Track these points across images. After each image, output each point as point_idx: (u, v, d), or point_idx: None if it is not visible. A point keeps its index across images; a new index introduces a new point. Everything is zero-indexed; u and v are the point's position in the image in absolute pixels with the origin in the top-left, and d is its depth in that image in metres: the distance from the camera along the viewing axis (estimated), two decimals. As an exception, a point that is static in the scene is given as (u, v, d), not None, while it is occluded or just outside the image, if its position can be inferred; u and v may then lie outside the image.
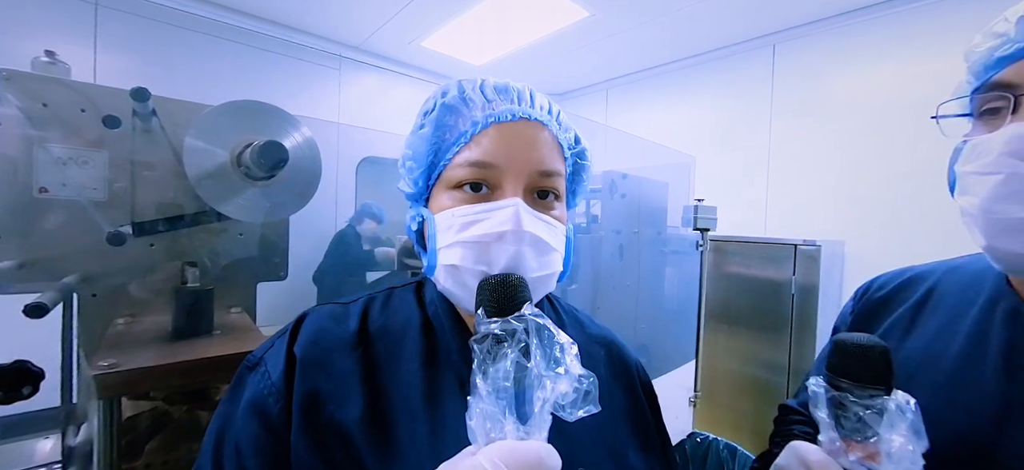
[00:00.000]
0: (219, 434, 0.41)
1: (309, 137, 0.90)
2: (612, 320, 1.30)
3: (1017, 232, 0.37)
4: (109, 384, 0.57)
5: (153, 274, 0.85)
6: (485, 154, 0.43)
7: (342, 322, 0.46)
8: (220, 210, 0.75)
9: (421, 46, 3.09)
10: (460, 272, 0.42)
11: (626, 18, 2.64)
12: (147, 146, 0.80)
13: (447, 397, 0.43)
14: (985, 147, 0.39)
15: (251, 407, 0.40)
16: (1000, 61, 0.40)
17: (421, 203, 0.48)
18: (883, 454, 0.37)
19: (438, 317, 0.47)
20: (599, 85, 3.75)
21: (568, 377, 0.33)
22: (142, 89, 0.69)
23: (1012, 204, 0.37)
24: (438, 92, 0.47)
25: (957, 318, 0.47)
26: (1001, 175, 0.37)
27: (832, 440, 0.40)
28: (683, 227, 1.51)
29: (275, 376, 0.41)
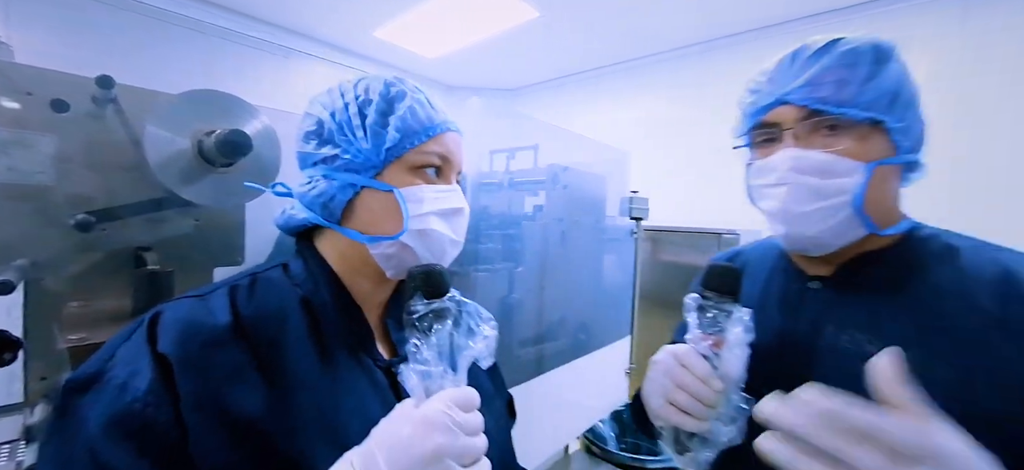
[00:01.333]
0: (64, 461, 0.37)
1: (268, 125, 0.94)
2: (556, 300, 1.43)
3: (801, 221, 0.53)
4: (81, 356, 0.61)
5: (105, 259, 0.86)
6: (446, 150, 0.54)
7: (210, 315, 0.44)
8: (183, 195, 0.79)
9: (373, 36, 3.08)
10: (428, 235, 0.51)
11: (573, 21, 2.79)
12: (103, 131, 0.81)
13: (341, 365, 0.48)
14: (771, 167, 0.54)
15: (116, 426, 0.36)
16: (763, 108, 0.55)
17: (370, 175, 0.51)
18: (726, 343, 0.52)
19: (318, 294, 0.50)
20: (549, 82, 3.90)
21: (485, 340, 0.45)
22: (107, 77, 0.71)
23: (797, 204, 0.52)
24: (397, 82, 0.54)
25: (758, 277, 0.67)
26: (787, 185, 0.53)
27: (694, 335, 0.54)
28: (620, 216, 1.67)
29: (143, 385, 0.38)
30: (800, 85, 0.52)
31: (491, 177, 1.45)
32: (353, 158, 0.50)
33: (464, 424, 0.40)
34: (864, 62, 0.51)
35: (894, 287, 0.54)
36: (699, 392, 0.51)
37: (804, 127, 0.52)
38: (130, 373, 0.39)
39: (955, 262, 0.53)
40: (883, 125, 0.51)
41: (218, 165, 0.83)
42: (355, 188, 0.51)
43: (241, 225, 1.09)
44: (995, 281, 0.50)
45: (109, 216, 0.76)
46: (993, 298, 0.49)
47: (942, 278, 0.52)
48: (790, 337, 0.58)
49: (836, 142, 0.51)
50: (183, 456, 0.38)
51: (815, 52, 0.53)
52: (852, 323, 0.54)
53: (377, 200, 0.51)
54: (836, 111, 0.50)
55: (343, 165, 0.51)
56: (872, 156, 0.51)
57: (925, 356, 0.46)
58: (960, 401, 0.44)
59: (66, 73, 0.83)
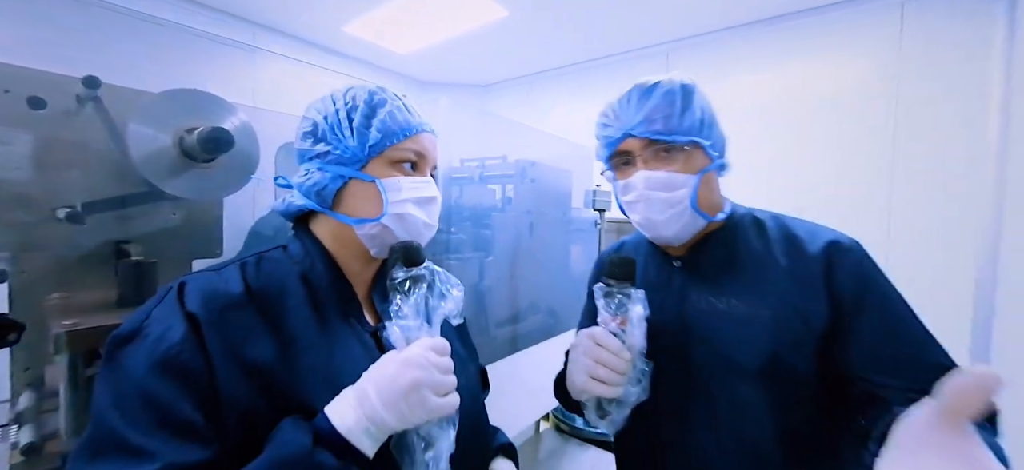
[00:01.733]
0: (118, 396, 0.43)
1: (246, 122, 0.99)
2: (525, 286, 1.52)
3: (661, 226, 0.68)
4: (75, 340, 0.65)
5: (86, 252, 0.89)
6: (421, 148, 0.62)
7: (226, 284, 0.51)
8: (166, 190, 0.83)
9: (343, 31, 3.07)
10: (405, 219, 0.60)
11: (541, 20, 2.87)
12: (81, 129, 0.84)
13: (335, 328, 0.56)
14: (632, 186, 0.68)
15: (159, 364, 0.44)
16: (616, 140, 0.69)
17: (355, 168, 0.59)
18: (629, 320, 0.64)
19: (316, 271, 0.58)
20: (520, 79, 3.98)
21: (454, 300, 0.56)
22: (93, 77, 0.75)
23: (655, 214, 0.67)
24: (379, 93, 0.62)
25: (639, 265, 0.81)
26: (646, 201, 0.67)
27: (604, 318, 0.65)
28: (585, 208, 1.77)
29: (177, 337, 0.45)
30: (639, 121, 0.66)
31: (462, 171, 1.52)
32: (342, 154, 0.59)
33: (437, 364, 0.50)
34: (677, 99, 0.66)
35: (726, 256, 0.72)
36: (614, 365, 0.62)
37: (648, 153, 0.67)
38: (165, 328, 0.46)
39: (761, 232, 0.72)
40: (700, 144, 0.67)
41: (200, 161, 0.87)
42: (344, 179, 0.59)
43: (219, 219, 1.12)
44: (783, 241, 0.69)
45: (92, 209, 0.79)
46: (783, 255, 0.68)
47: (754, 244, 0.71)
48: (666, 306, 0.73)
49: (672, 162, 0.66)
50: (216, 400, 0.45)
51: (642, 93, 0.68)
52: (705, 288, 0.71)
53: (362, 189, 0.59)
54: (668, 139, 0.65)
55: (334, 159, 0.59)
56: (697, 168, 0.67)
57: (749, 303, 0.66)
58: (776, 336, 0.63)
59: (43, 71, 0.85)
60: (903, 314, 0.63)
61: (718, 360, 0.67)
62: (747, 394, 0.64)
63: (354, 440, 0.45)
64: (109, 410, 0.43)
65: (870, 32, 2.44)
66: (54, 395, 0.82)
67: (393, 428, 0.47)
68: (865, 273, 0.64)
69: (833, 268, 0.64)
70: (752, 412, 0.64)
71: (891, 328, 0.61)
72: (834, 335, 0.63)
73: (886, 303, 0.63)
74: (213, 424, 0.44)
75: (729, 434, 0.66)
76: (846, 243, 0.67)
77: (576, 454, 1.72)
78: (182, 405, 0.43)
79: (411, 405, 0.47)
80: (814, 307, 0.63)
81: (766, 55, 2.75)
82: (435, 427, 0.51)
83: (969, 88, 2.18)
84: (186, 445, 0.42)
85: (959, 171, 2.20)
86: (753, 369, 0.64)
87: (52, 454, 0.69)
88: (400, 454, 0.51)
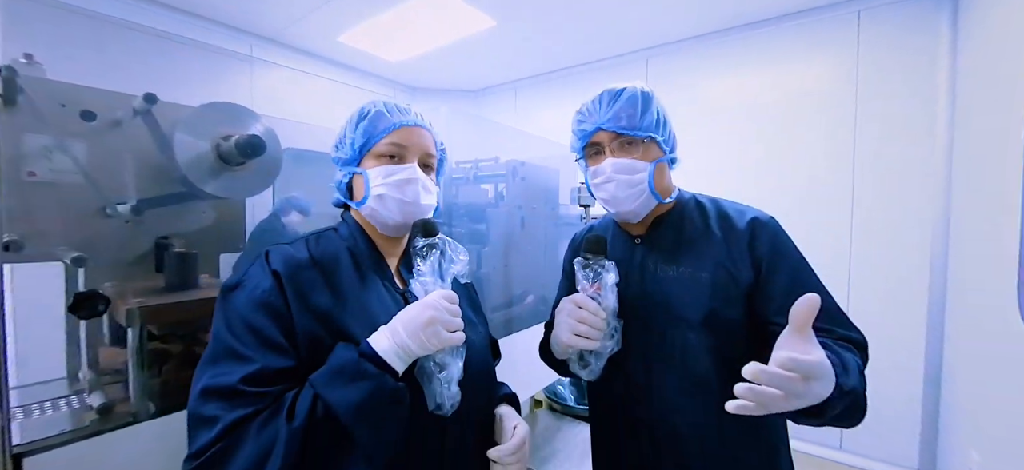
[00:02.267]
0: (229, 323, 0.61)
1: (269, 128, 1.11)
2: (518, 274, 1.66)
3: (624, 203, 0.83)
4: (145, 314, 0.78)
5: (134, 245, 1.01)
6: (399, 140, 0.76)
7: (297, 253, 0.69)
8: (207, 190, 0.95)
9: (338, 41, 3.19)
10: (384, 199, 0.74)
11: (527, 29, 3.03)
12: (128, 137, 0.96)
13: (372, 288, 0.73)
14: (602, 171, 0.83)
15: (255, 302, 0.61)
16: (590, 133, 0.84)
17: (354, 165, 0.77)
18: (603, 286, 0.79)
19: (356, 244, 0.76)
20: (508, 85, 4.13)
21: (461, 263, 0.71)
22: (152, 94, 0.87)
23: (620, 191, 0.82)
24: (370, 104, 0.79)
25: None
26: (613, 182, 0.82)
27: (583, 286, 0.80)
28: (571, 204, 1.93)
29: (267, 284, 0.63)
30: (609, 118, 0.82)
31: (458, 171, 1.66)
32: (347, 157, 0.78)
33: (448, 308, 0.65)
34: (639, 102, 0.82)
35: (675, 233, 0.88)
36: (593, 322, 0.76)
37: (615, 144, 0.83)
38: (258, 280, 0.64)
39: (702, 212, 0.89)
40: (655, 139, 0.83)
41: (233, 164, 1.00)
42: (349, 174, 0.78)
43: (242, 216, 1.25)
44: (718, 218, 0.86)
45: (147, 206, 0.92)
46: (718, 229, 0.85)
47: (696, 221, 0.88)
48: (630, 275, 0.88)
49: (634, 151, 0.83)
50: (292, 329, 0.62)
51: (612, 97, 0.83)
52: (659, 259, 0.87)
53: (359, 181, 0.77)
54: (631, 133, 0.81)
55: (343, 162, 0.79)
56: (652, 157, 0.84)
57: (693, 268, 0.82)
58: (713, 294, 0.79)
59: (94, 88, 0.97)
60: (803, 273, 0.80)
61: (671, 315, 0.82)
62: (694, 340, 0.80)
63: (388, 359, 0.61)
64: (224, 331, 0.61)
65: (830, 40, 2.65)
66: (107, 373, 0.94)
67: (415, 353, 0.62)
68: (778, 242, 0.81)
69: (754, 238, 0.81)
70: (699, 354, 0.80)
71: (795, 283, 0.77)
72: (755, 290, 0.80)
73: (792, 265, 0.80)
74: (292, 345, 0.61)
75: (683, 373, 0.82)
76: (764, 219, 0.84)
77: (570, 430, 1.87)
78: (272, 330, 0.61)
79: (428, 335, 0.62)
80: (741, 269, 0.80)
81: (736, 60, 2.94)
82: (447, 355, 0.66)
83: (919, 91, 2.39)
84: (274, 356, 0.60)
85: (912, 166, 2.41)
86: (697, 320, 0.80)
87: (123, 413, 0.81)
88: (421, 377, 0.66)
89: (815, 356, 0.56)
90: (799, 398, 0.56)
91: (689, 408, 0.82)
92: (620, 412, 0.89)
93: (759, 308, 0.79)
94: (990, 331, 1.70)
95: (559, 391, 2.19)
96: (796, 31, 2.74)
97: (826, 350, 0.61)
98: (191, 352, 0.94)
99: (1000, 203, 1.64)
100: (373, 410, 0.58)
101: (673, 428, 0.83)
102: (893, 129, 2.48)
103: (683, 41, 3.13)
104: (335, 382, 0.58)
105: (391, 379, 0.60)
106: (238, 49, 2.98)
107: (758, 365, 0.54)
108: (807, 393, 0.56)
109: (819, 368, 0.56)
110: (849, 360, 0.67)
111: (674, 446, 0.83)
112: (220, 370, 0.58)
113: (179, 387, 0.92)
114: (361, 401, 0.57)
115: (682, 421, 0.82)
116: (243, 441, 0.54)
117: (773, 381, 0.54)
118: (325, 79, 3.46)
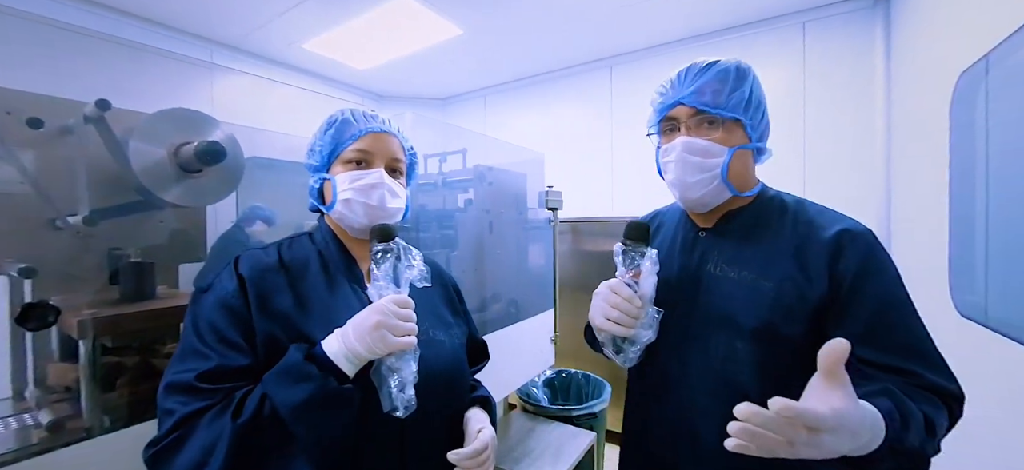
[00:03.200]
0: (195, 323, 0.65)
1: (230, 135, 1.10)
2: (489, 278, 1.68)
3: (687, 188, 0.76)
4: (95, 326, 0.76)
5: (84, 258, 0.97)
6: (365, 146, 0.79)
7: (266, 257, 0.73)
8: (164, 198, 0.93)
9: (302, 48, 3.15)
10: (351, 203, 0.76)
11: (495, 38, 3.08)
12: (80, 146, 0.93)
13: (340, 286, 0.76)
14: (672, 149, 0.76)
15: (219, 304, 0.66)
16: (667, 107, 0.77)
17: (324, 171, 0.80)
18: (642, 274, 0.74)
19: (328, 248, 0.79)
20: (477, 92, 4.17)
21: (416, 267, 0.73)
22: (104, 100, 0.85)
23: (687, 175, 0.75)
24: (338, 113, 0.82)
25: (670, 230, 0.93)
26: (681, 163, 0.75)
27: (620, 272, 0.76)
28: (539, 207, 1.97)
29: (231, 288, 0.67)
30: (690, 92, 0.74)
31: (427, 178, 1.68)
32: (317, 163, 0.80)
33: (397, 313, 0.66)
34: (730, 78, 0.73)
35: (749, 232, 0.79)
36: (626, 308, 0.72)
37: (692, 121, 0.75)
38: (225, 282, 0.68)
39: (783, 213, 0.79)
40: (741, 122, 0.74)
41: (193, 171, 0.98)
42: (320, 180, 0.81)
43: (203, 226, 1.22)
44: (800, 223, 0.76)
45: (100, 216, 0.89)
46: (797, 235, 0.75)
47: (772, 223, 0.78)
48: (687, 268, 0.82)
49: (713, 132, 0.74)
50: (251, 329, 0.66)
51: (700, 69, 0.75)
52: (723, 258, 0.78)
53: (328, 186, 0.79)
54: (713, 111, 0.72)
55: (314, 168, 0.81)
56: (734, 143, 0.74)
57: (756, 275, 0.74)
58: (774, 307, 0.71)
59: (42, 94, 0.94)
60: (895, 302, 0.67)
61: (720, 316, 0.75)
62: (741, 349, 0.73)
63: (336, 361, 0.63)
64: (190, 330, 0.65)
65: (781, 49, 2.82)
66: (57, 390, 0.90)
67: (363, 356, 0.64)
68: (871, 261, 0.69)
69: (840, 252, 0.70)
70: (743, 364, 0.73)
71: (881, 313, 0.66)
72: (829, 309, 0.69)
73: (883, 291, 0.68)
74: (250, 345, 0.65)
75: (721, 379, 0.74)
76: (858, 230, 0.72)
77: (543, 431, 1.89)
78: (231, 331, 0.64)
79: (374, 339, 0.63)
80: (814, 284, 0.69)
81: (696, 68, 3.09)
82: (400, 359, 0.67)
83: (859, 95, 2.58)
84: (232, 354, 0.63)
85: (855, 164, 2.58)
86: (748, 329, 0.72)
87: (75, 429, 0.78)
88: (376, 379, 0.67)
89: (829, 407, 0.49)
90: (810, 448, 0.50)
91: (716, 413, 0.71)
92: (651, 404, 0.85)
93: (830, 331, 0.67)
94: (926, 320, 1.84)
95: (532, 393, 2.21)
96: (750, 40, 2.90)
97: (890, 399, 0.56)
98: (148, 364, 0.91)
99: (930, 201, 1.79)
100: (314, 410, 0.59)
101: (694, 429, 0.77)
102: (837, 131, 2.65)
103: (645, 49, 3.26)
104: (282, 382, 0.60)
105: (335, 381, 0.62)
106: (198, 56, 2.89)
107: (751, 407, 0.49)
108: (819, 445, 0.50)
109: (833, 420, 0.49)
110: (914, 414, 0.58)
111: (692, 449, 0.77)
112: (183, 367, 0.62)
113: (136, 400, 0.90)
114: (302, 401, 0.59)
115: (705, 425, 0.75)
116: (193, 434, 0.58)
117: (768, 425, 0.49)
118: (291, 86, 3.40)
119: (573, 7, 2.65)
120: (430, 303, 0.85)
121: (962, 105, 1.57)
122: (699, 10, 2.74)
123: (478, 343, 0.99)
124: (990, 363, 1.34)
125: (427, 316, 0.81)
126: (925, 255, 1.84)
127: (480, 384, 0.95)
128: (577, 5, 2.62)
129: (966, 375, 0.69)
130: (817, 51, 2.72)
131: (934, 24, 1.85)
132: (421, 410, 0.68)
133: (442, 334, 0.82)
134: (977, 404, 0.74)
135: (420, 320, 0.70)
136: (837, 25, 2.66)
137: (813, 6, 2.69)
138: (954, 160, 1.61)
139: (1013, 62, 1.28)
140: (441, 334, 0.82)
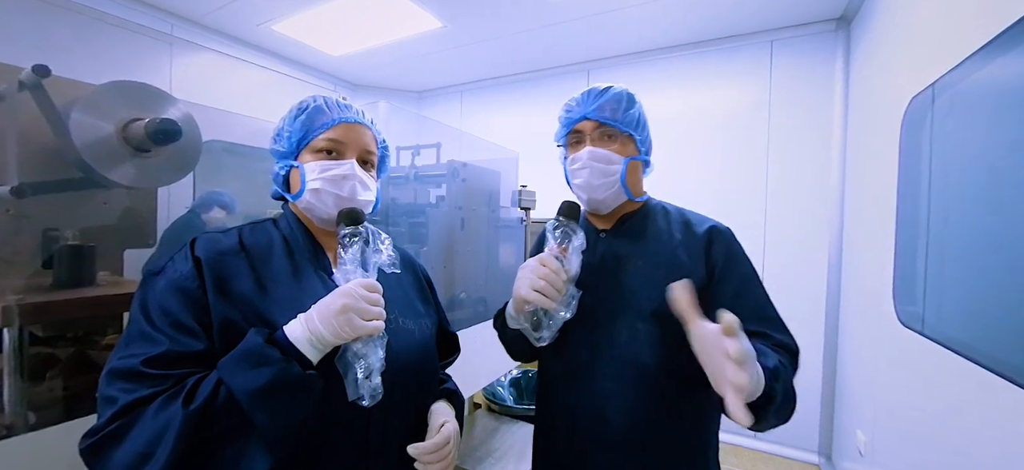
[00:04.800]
0: (144, 306, 0.61)
1: (188, 114, 1.03)
2: (460, 275, 1.66)
3: (594, 190, 0.88)
4: (22, 314, 0.69)
5: (12, 238, 0.89)
6: (337, 136, 0.76)
7: (225, 239, 0.70)
8: (109, 176, 0.86)
9: (271, 29, 3.01)
10: (320, 193, 0.74)
11: (475, 34, 3.05)
12: (13, 114, 0.85)
13: (305, 272, 0.73)
14: (579, 158, 0.88)
15: (172, 286, 0.62)
16: (574, 120, 0.89)
17: (292, 158, 0.77)
18: (570, 249, 0.81)
19: (293, 234, 0.76)
20: (454, 88, 4.12)
21: (385, 251, 0.71)
22: (42, 66, 0.78)
23: (593, 179, 0.87)
24: (310, 99, 0.79)
25: None
26: (588, 168, 0.87)
27: (551, 247, 0.82)
28: (512, 206, 1.96)
29: (185, 269, 0.63)
30: (594, 108, 0.87)
31: (399, 171, 1.64)
32: (284, 150, 0.77)
33: (365, 297, 0.64)
34: (623, 100, 0.88)
35: (638, 232, 0.93)
36: (553, 280, 0.78)
37: (596, 133, 0.88)
38: (179, 265, 0.64)
39: (666, 216, 0.94)
40: (633, 137, 0.89)
41: (143, 150, 0.92)
42: (287, 167, 0.77)
43: (154, 210, 1.14)
44: (680, 224, 0.92)
45: (33, 190, 0.81)
46: (679, 232, 0.91)
47: (659, 223, 0.93)
48: (591, 263, 0.91)
49: (612, 144, 0.88)
50: (207, 312, 0.62)
51: (599, 92, 0.88)
52: (621, 253, 0.91)
53: (296, 174, 0.76)
54: (613, 124, 0.87)
55: (281, 154, 0.78)
56: (628, 154, 0.89)
57: (651, 265, 0.87)
58: (666, 286, 0.79)
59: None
60: (751, 282, 0.86)
61: (623, 303, 0.87)
62: (642, 329, 0.84)
63: (299, 346, 0.60)
64: (138, 314, 0.61)
65: (748, 65, 2.92)
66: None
67: (329, 340, 0.61)
68: (731, 251, 0.88)
69: (711, 244, 0.88)
70: (643, 343, 0.84)
71: (743, 289, 0.84)
72: (706, 291, 0.84)
73: (742, 273, 0.87)
74: (204, 329, 0.61)
75: (626, 362, 0.85)
76: (721, 228, 0.91)
77: (508, 430, 1.89)
78: (183, 314, 0.60)
79: (340, 323, 0.61)
80: (696, 271, 0.85)
81: (669, 78, 3.16)
82: (367, 345, 0.64)
83: (820, 113, 2.71)
84: (184, 338, 0.59)
85: (813, 178, 2.71)
86: (648, 311, 0.84)
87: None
88: (342, 366, 0.64)
89: (742, 342, 0.60)
90: (739, 373, 0.59)
91: (620, 394, 0.85)
92: (558, 394, 0.92)
93: (708, 309, 0.80)
94: (872, 327, 1.95)
95: (498, 392, 2.20)
96: (721, 55, 3.00)
97: (755, 347, 0.65)
98: (83, 356, 0.84)
99: (879, 216, 1.90)
100: (274, 397, 0.57)
101: (602, 414, 0.86)
102: (799, 146, 2.78)
103: (623, 57, 3.31)
104: (239, 366, 0.57)
105: (297, 366, 0.59)
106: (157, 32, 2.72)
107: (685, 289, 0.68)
108: (749, 363, 0.60)
109: (747, 346, 0.60)
110: (770, 354, 0.73)
111: (601, 432, 0.86)
112: (128, 352, 0.58)
113: (68, 394, 0.83)
114: (261, 386, 0.56)
115: (612, 407, 0.85)
116: (137, 422, 0.54)
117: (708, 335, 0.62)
118: (259, 67, 3.25)
119: (554, 9, 2.66)
120: (400, 290, 0.83)
121: (911, 129, 1.67)
122: (676, 21, 2.81)
123: (449, 335, 0.96)
124: (928, 370, 1.43)
125: (396, 303, 0.79)
126: (874, 268, 1.95)
127: (449, 378, 0.93)
128: (558, 7, 2.63)
129: (906, 381, 0.74)
130: (783, 68, 2.83)
131: (888, 49, 1.96)
132: (387, 400, 0.66)
133: (412, 323, 0.80)
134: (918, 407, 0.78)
135: (389, 307, 0.68)
136: (803, 46, 2.78)
137: (781, 26, 2.80)
138: (902, 180, 1.71)
139: (954, 93, 1.37)
140: (410, 323, 0.79)
